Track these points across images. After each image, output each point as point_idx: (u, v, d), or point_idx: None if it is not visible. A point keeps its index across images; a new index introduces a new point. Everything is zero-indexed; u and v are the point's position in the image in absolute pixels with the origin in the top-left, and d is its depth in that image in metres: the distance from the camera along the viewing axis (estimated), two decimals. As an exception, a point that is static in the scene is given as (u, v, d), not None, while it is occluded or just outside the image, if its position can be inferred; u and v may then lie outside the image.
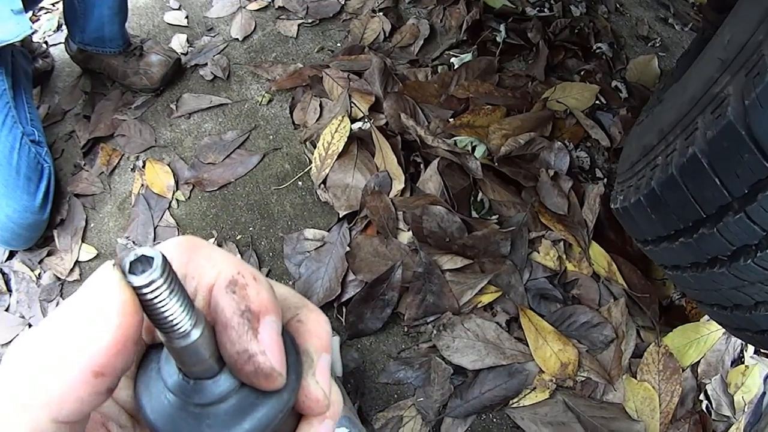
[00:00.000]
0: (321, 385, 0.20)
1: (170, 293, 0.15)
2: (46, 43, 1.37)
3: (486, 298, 0.99)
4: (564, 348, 0.97)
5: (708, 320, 1.06)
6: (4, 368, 0.16)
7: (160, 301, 0.15)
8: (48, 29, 1.41)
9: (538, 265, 1.02)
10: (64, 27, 1.40)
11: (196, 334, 0.16)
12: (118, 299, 0.15)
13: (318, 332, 0.20)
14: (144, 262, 0.15)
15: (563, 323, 1.00)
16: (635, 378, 0.99)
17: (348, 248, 0.96)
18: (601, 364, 0.99)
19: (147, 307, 0.15)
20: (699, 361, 1.02)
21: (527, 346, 0.97)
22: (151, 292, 0.15)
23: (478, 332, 0.97)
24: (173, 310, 0.15)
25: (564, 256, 1.03)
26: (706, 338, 1.05)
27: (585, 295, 1.03)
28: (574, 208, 1.04)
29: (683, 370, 1.00)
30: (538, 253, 1.03)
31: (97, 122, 1.21)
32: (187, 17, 1.38)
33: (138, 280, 0.14)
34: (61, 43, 1.33)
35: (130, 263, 0.15)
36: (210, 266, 0.18)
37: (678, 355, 1.01)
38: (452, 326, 0.97)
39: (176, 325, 0.15)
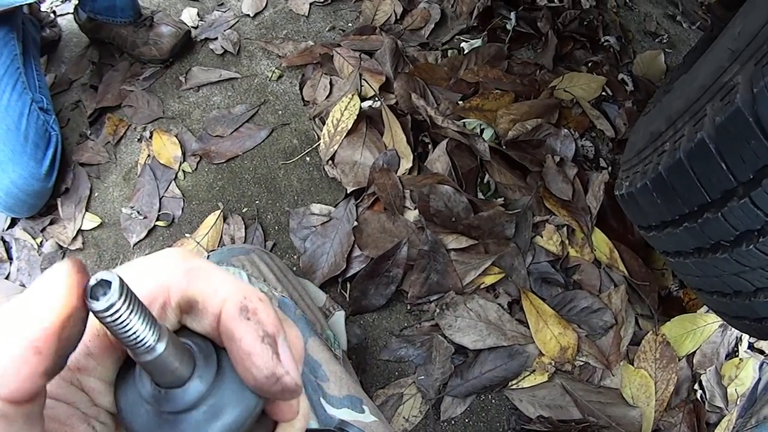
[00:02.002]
0: (289, 370, 0.19)
1: (130, 313, 0.16)
2: (54, 12, 1.37)
3: (489, 279, 1.01)
4: (564, 332, 0.99)
5: (705, 312, 1.08)
6: None
7: (122, 322, 0.15)
8: (56, -1, 1.41)
9: (541, 249, 1.04)
10: (72, -3, 1.40)
11: (160, 348, 0.17)
12: (62, 285, 0.16)
13: (295, 347, 0.21)
14: (104, 285, 0.15)
15: (564, 307, 1.02)
16: (632, 365, 1.01)
17: (355, 224, 0.97)
18: (599, 349, 1.01)
19: (110, 327, 0.16)
20: (695, 352, 1.05)
21: (528, 328, 0.99)
22: (111, 315, 0.15)
23: (480, 312, 0.99)
24: (135, 328, 0.16)
25: (567, 242, 1.05)
26: (703, 330, 1.07)
27: (586, 281, 1.05)
28: (579, 195, 1.05)
29: (679, 360, 1.03)
30: (542, 237, 1.04)
31: (104, 92, 1.21)
32: (197, -9, 1.38)
33: (98, 305, 0.15)
34: (68, 13, 1.32)
35: (92, 288, 0.15)
36: (212, 291, 0.19)
37: (674, 344, 1.03)
38: (455, 306, 0.98)
39: (140, 342, 0.16)
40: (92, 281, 0.15)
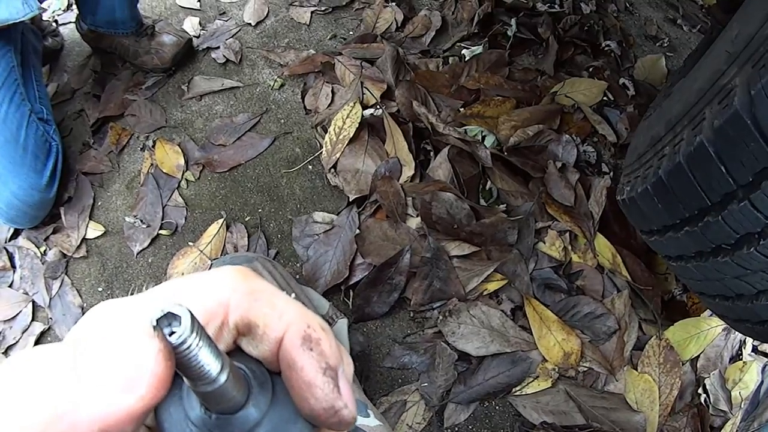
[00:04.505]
0: (347, 403, 0.19)
1: (198, 347, 0.15)
2: (56, 21, 1.40)
3: (492, 286, 1.02)
4: (567, 338, 1.01)
5: (709, 316, 1.10)
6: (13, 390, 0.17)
7: (190, 356, 0.15)
8: (57, 8, 1.44)
9: (544, 255, 1.06)
10: (74, 6, 1.43)
11: (222, 378, 0.16)
12: (152, 370, 0.16)
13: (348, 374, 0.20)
14: (170, 317, 0.15)
15: (567, 313, 1.04)
16: (636, 370, 1.02)
17: (358, 231, 1.00)
18: (603, 354, 1.02)
19: (176, 360, 0.16)
20: (698, 356, 1.06)
21: (531, 334, 1.01)
22: (181, 349, 0.15)
23: (483, 319, 1.01)
24: (202, 362, 0.16)
25: (569, 247, 1.07)
26: (706, 333, 1.08)
27: (589, 286, 1.07)
28: (581, 200, 1.07)
29: (683, 364, 1.04)
30: (544, 243, 1.06)
31: (107, 101, 1.23)
32: (199, 0, 1.41)
33: (171, 341, 0.15)
34: (70, 22, 1.35)
35: (158, 320, 0.15)
36: (276, 316, 0.19)
37: (678, 349, 1.05)
38: (458, 313, 1.00)
39: (204, 374, 0.16)
40: (158, 313, 0.15)
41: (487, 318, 1.01)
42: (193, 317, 0.15)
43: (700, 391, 1.05)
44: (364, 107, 1.11)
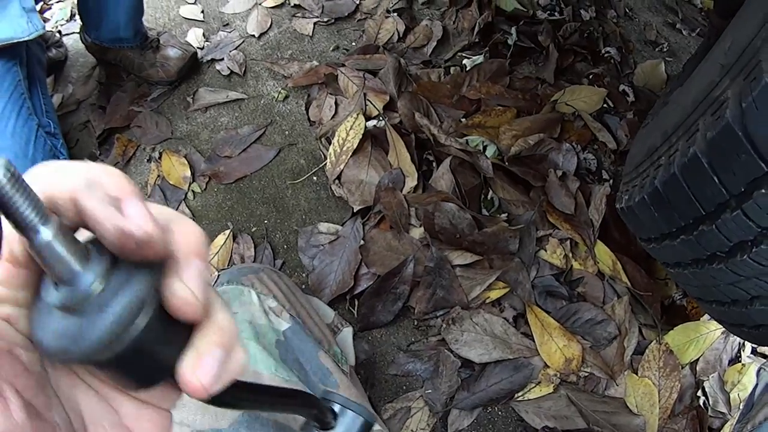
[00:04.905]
0: (189, 285, 0.20)
1: (16, 192, 0.17)
2: (59, 32, 1.44)
3: (494, 294, 1.06)
4: (569, 344, 1.04)
5: (707, 320, 1.13)
6: None
7: (7, 198, 0.17)
8: (60, 18, 1.48)
9: (545, 262, 1.10)
10: (77, 17, 1.46)
11: (46, 232, 0.18)
12: None
13: (187, 239, 0.21)
14: None
15: (568, 320, 1.07)
16: (636, 374, 1.06)
17: (362, 242, 1.03)
18: (604, 359, 1.06)
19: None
20: (698, 359, 1.10)
21: (533, 341, 1.04)
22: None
23: (485, 327, 1.04)
24: (18, 205, 0.17)
25: (570, 255, 1.11)
26: (705, 337, 1.12)
27: (590, 293, 1.10)
28: (581, 208, 1.11)
29: (682, 368, 1.08)
30: (545, 251, 1.10)
31: (112, 113, 1.27)
32: (202, 12, 1.45)
33: None
34: (74, 33, 1.39)
35: None
36: (61, 182, 0.20)
37: (678, 352, 1.09)
38: (461, 320, 1.04)
39: (28, 221, 0.17)
40: None
41: (489, 325, 1.05)
42: (9, 164, 0.17)
43: (699, 393, 1.09)
44: (367, 118, 1.15)
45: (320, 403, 0.37)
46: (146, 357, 0.21)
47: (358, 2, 1.44)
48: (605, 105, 1.35)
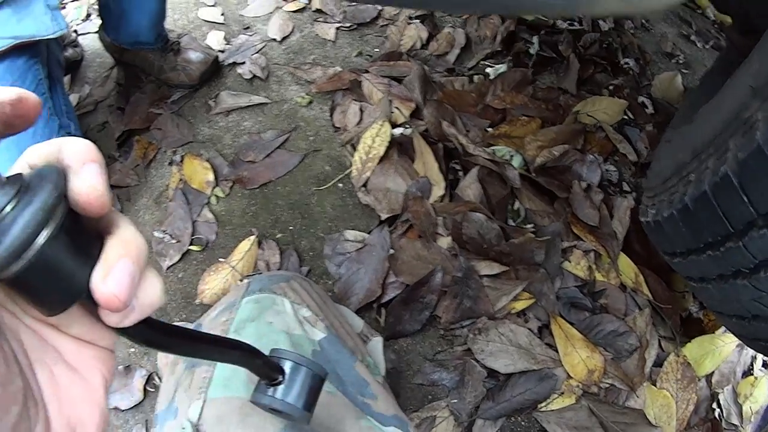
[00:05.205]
0: (91, 181, 0.23)
1: None
2: (75, 32, 1.48)
3: (519, 305, 1.13)
4: (591, 355, 1.12)
5: (723, 332, 1.22)
6: None
7: None
8: (76, 18, 1.52)
9: (569, 274, 1.17)
10: (93, 16, 1.51)
11: None
12: None
13: (78, 148, 0.24)
14: None
15: (591, 331, 1.15)
16: (655, 386, 1.14)
17: (391, 251, 1.10)
18: (624, 371, 1.13)
19: None
20: (713, 372, 1.18)
21: (557, 352, 1.11)
22: None
23: (511, 337, 1.11)
24: None
25: (594, 266, 1.18)
26: (721, 350, 1.20)
27: (612, 305, 1.18)
28: (605, 220, 1.19)
29: (699, 380, 1.16)
30: (570, 262, 1.18)
31: (131, 114, 1.32)
32: (222, 14, 1.50)
33: None
34: (90, 32, 1.44)
35: None
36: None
37: (695, 365, 1.17)
38: (487, 331, 1.11)
39: None
40: None
41: (514, 336, 1.11)
42: None
43: (714, 405, 1.17)
44: (392, 125, 1.22)
45: (266, 357, 0.38)
46: (56, 272, 0.22)
47: (379, 8, 1.50)
48: (625, 116, 1.43)
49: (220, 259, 1.16)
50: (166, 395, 0.62)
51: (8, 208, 0.21)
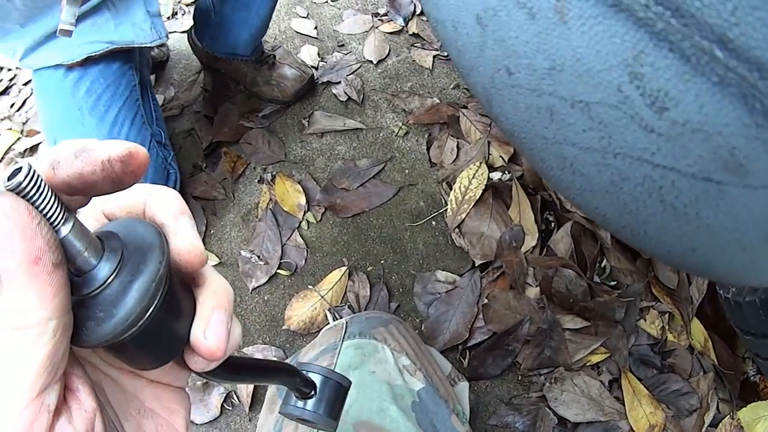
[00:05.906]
0: (189, 238, 0.26)
1: (37, 194, 0.21)
2: (160, 27, 1.60)
3: (595, 358, 1.35)
4: (654, 411, 1.34)
5: (778, 399, 1.45)
6: None
7: (31, 200, 0.21)
8: (162, 16, 1.64)
9: (643, 332, 1.39)
10: (179, 15, 1.63)
11: (65, 229, 0.22)
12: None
13: (167, 200, 0.27)
14: (17, 172, 0.21)
15: (657, 388, 1.37)
16: (710, 446, 1.37)
17: (486, 301, 1.29)
18: (683, 429, 1.36)
19: None
20: (765, 436, 1.42)
21: (623, 405, 1.34)
22: (21, 192, 0.20)
23: (584, 388, 1.33)
24: (40, 206, 0.21)
25: (667, 327, 1.40)
26: (774, 416, 1.44)
27: (679, 365, 1.40)
28: (683, 285, 1.40)
29: (750, 443, 1.40)
30: (645, 320, 1.39)
31: (220, 125, 1.47)
32: (315, 28, 1.64)
33: (9, 184, 0.20)
34: (175, 32, 1.56)
35: (8, 176, 0.21)
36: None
37: (747, 428, 1.41)
38: (563, 380, 1.32)
39: (50, 221, 0.21)
40: (9, 171, 0.21)
41: (587, 387, 1.33)
42: (32, 170, 0.21)
43: (762, 469, 1.41)
44: (489, 168, 1.40)
45: (303, 374, 0.44)
46: (160, 333, 0.25)
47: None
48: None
49: (309, 287, 1.34)
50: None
51: (113, 277, 0.23)
